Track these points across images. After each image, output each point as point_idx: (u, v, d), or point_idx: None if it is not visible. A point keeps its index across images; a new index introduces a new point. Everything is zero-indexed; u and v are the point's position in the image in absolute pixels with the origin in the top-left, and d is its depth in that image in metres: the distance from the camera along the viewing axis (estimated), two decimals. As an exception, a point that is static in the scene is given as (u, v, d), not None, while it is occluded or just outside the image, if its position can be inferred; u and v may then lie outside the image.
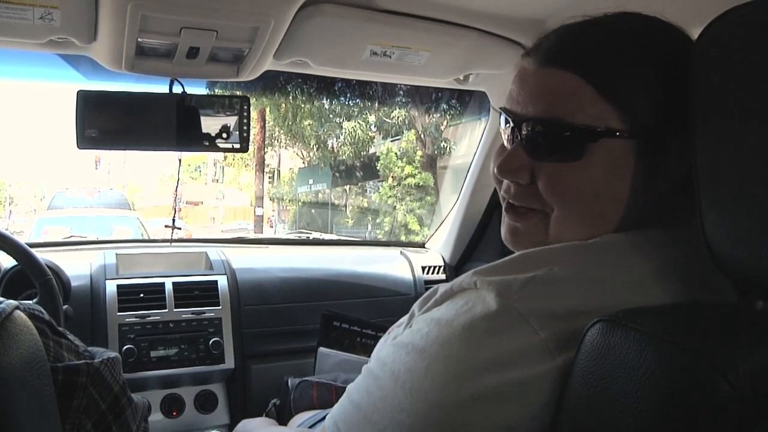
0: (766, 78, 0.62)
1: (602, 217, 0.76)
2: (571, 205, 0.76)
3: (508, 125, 0.81)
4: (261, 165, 16.97)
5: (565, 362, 0.65)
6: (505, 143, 0.84)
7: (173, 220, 2.36)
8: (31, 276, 1.53)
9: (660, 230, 0.76)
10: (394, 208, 13.21)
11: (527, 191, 0.79)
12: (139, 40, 1.33)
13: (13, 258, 1.56)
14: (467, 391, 0.64)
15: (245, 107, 1.56)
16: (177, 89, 1.52)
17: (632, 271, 0.72)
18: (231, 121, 1.56)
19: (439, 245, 2.44)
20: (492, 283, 0.68)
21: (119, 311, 1.81)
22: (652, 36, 0.77)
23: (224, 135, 1.56)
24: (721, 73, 0.66)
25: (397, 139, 13.51)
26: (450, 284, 0.73)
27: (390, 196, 13.39)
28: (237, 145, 1.57)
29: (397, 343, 0.72)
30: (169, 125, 1.51)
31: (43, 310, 0.67)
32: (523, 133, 0.78)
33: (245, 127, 1.56)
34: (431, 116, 11.99)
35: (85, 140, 1.46)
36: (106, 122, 1.49)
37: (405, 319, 0.79)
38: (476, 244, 2.33)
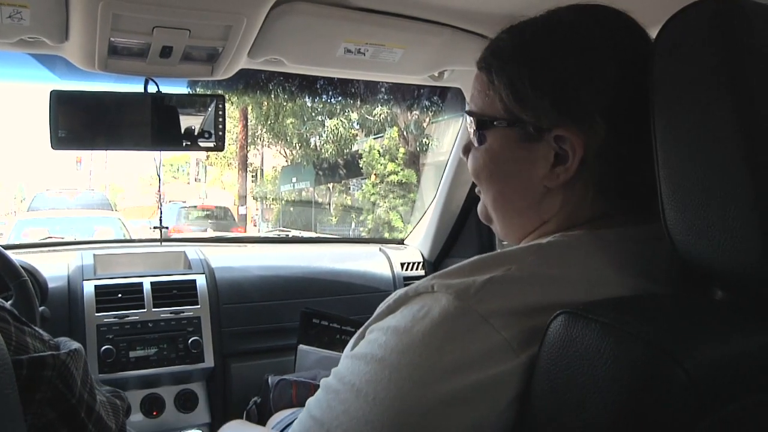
0: (723, 73, 0.63)
1: (506, 194, 0.84)
2: (480, 182, 0.86)
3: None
4: (244, 164, 16.87)
5: (528, 358, 0.65)
6: None
7: (160, 221, 2.36)
8: (6, 278, 1.51)
9: (616, 227, 0.77)
10: (374, 204, 13.19)
11: None
12: (111, 39, 1.33)
13: (-14, 260, 1.54)
14: (432, 397, 0.63)
15: (220, 106, 1.56)
16: (152, 89, 1.52)
17: (591, 267, 0.72)
18: (207, 119, 1.56)
19: (417, 241, 2.45)
20: (450, 286, 0.68)
21: (97, 312, 1.80)
22: (576, 27, 0.78)
23: (200, 134, 1.56)
24: (679, 69, 0.67)
25: (380, 137, 13.48)
26: (405, 289, 0.73)
27: (373, 194, 13.36)
28: (213, 144, 1.57)
29: (354, 355, 0.71)
30: (144, 125, 1.51)
31: (3, 301, 0.66)
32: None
33: (221, 126, 1.56)
34: (413, 113, 11.99)
35: (60, 141, 1.45)
36: (80, 122, 1.48)
37: (361, 331, 0.77)
38: (455, 240, 2.34)
